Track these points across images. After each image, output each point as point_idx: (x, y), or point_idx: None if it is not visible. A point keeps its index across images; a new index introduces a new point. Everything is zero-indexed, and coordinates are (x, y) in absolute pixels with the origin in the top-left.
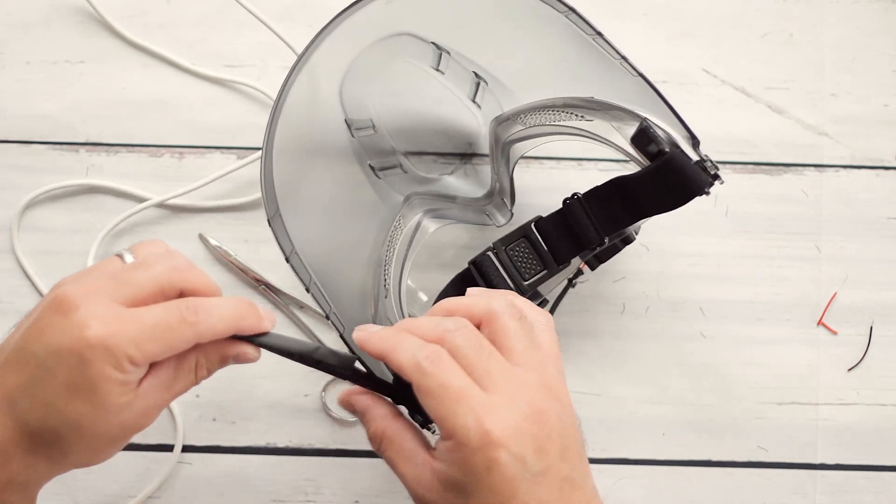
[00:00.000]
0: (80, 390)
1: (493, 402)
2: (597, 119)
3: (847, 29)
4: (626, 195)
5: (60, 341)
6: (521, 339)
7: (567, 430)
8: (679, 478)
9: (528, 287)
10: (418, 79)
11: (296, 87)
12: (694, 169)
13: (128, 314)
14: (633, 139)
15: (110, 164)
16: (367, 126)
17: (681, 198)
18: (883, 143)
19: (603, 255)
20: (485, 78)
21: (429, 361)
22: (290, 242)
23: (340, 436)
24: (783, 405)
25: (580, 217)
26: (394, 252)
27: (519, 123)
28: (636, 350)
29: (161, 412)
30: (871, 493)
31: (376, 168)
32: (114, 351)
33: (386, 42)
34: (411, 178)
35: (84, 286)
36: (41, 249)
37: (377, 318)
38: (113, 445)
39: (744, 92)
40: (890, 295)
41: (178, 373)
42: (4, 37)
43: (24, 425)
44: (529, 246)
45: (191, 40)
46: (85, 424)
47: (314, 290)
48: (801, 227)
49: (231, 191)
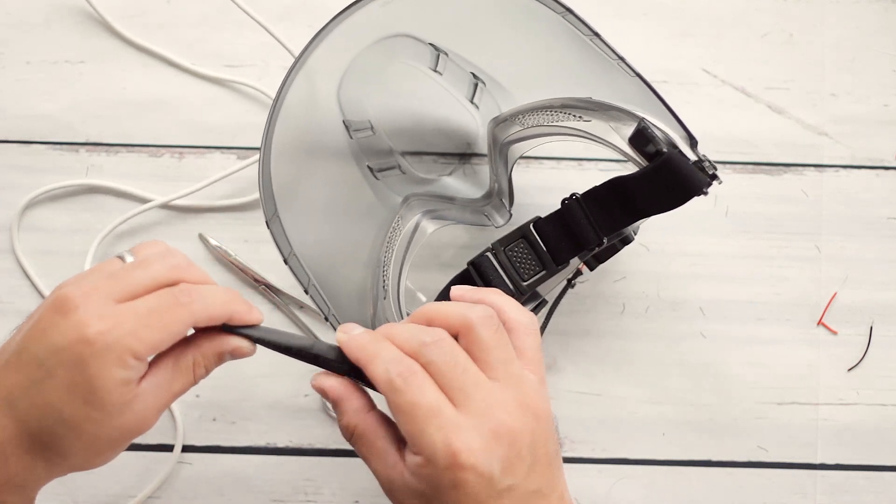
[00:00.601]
0: (80, 391)
1: (463, 421)
2: (595, 119)
3: (847, 29)
4: (624, 195)
5: (60, 341)
6: (498, 351)
7: (539, 445)
8: (679, 478)
9: (527, 288)
10: (416, 80)
11: (294, 88)
12: (692, 169)
13: (123, 308)
14: (631, 139)
15: (110, 164)
16: (365, 127)
17: (679, 198)
18: (883, 143)
19: (602, 256)
20: (483, 79)
21: (401, 379)
22: (288, 244)
23: (340, 436)
24: (783, 405)
25: (579, 218)
26: (392, 253)
27: (517, 124)
28: (636, 350)
29: (160, 416)
30: (871, 493)
31: (375, 169)
32: (113, 346)
33: (384, 43)
34: (410, 178)
35: (83, 287)
36: (41, 249)
37: (376, 318)
38: (112, 448)
39: (744, 92)
40: (890, 295)
41: (176, 372)
42: (4, 37)
43: (23, 426)
44: (528, 246)
45: (191, 40)
46: (83, 426)
47: (313, 292)
48: (801, 227)
49: (231, 191)
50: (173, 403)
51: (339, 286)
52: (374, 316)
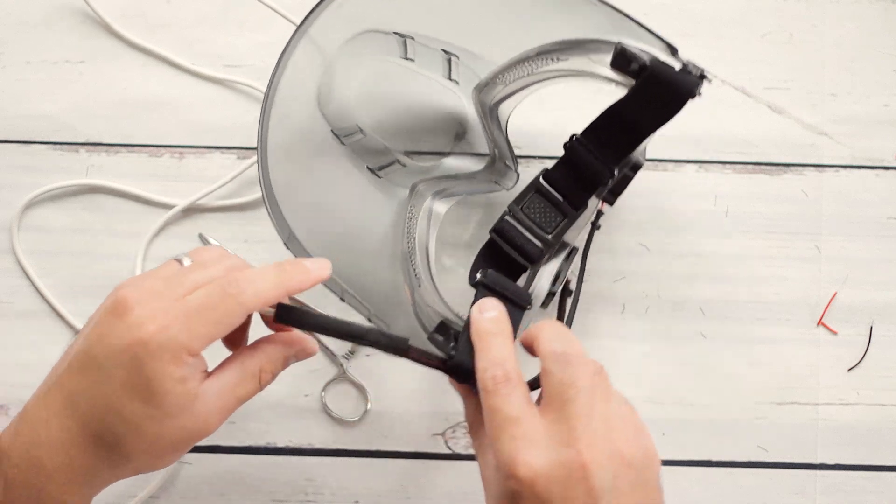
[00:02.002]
0: (138, 391)
1: (540, 437)
2: (572, 57)
3: (847, 29)
4: (622, 121)
5: (117, 343)
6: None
7: (608, 492)
8: (679, 478)
9: (553, 240)
10: (392, 73)
11: (274, 112)
12: (679, 75)
13: (176, 306)
14: (613, 63)
15: (110, 164)
16: (354, 132)
17: (674, 105)
18: (883, 143)
19: (617, 189)
20: (454, 52)
21: (493, 382)
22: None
23: (340, 436)
24: (783, 405)
25: (584, 156)
26: (414, 242)
27: (499, 84)
28: (636, 350)
29: (224, 419)
30: (871, 493)
31: (375, 169)
32: (168, 345)
33: (349, 45)
34: (411, 170)
35: (140, 289)
36: (41, 249)
37: (417, 308)
38: (175, 450)
39: (744, 92)
40: (890, 295)
41: (242, 377)
42: (4, 37)
43: (86, 427)
44: (543, 199)
45: (191, 40)
46: (144, 425)
47: (348, 299)
48: (801, 227)
49: (231, 191)
50: None
51: (369, 287)
52: (414, 305)
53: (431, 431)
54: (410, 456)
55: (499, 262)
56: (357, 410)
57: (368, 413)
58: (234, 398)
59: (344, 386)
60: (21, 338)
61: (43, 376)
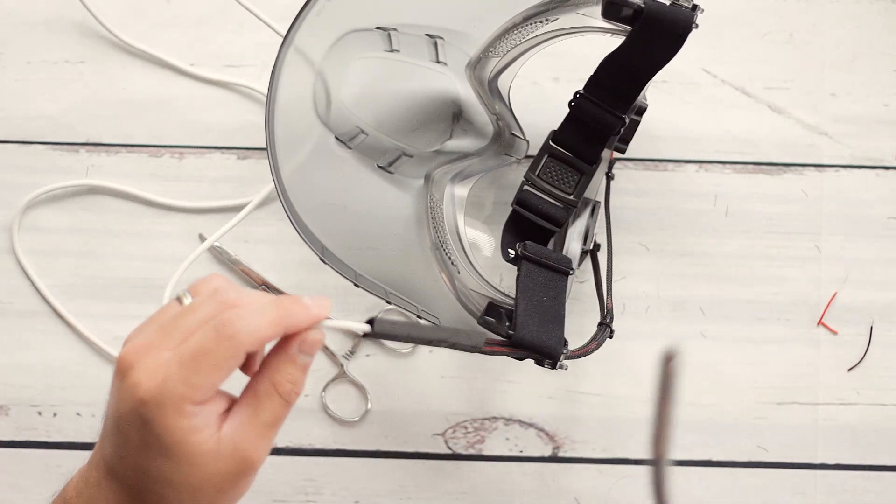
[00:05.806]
0: (155, 448)
1: None
2: (561, 16)
3: (847, 29)
4: (623, 67)
5: (123, 407)
6: None
7: None
8: (679, 478)
9: (575, 199)
10: (380, 68)
11: (278, 132)
12: (673, 10)
13: (170, 357)
14: (605, 14)
15: (110, 164)
16: (356, 133)
17: (674, 43)
18: (883, 143)
19: (627, 136)
20: (439, 35)
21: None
22: (349, 269)
23: (340, 436)
24: (783, 405)
25: (591, 110)
26: (444, 230)
27: (493, 56)
28: (636, 350)
29: (268, 445)
30: (871, 493)
31: (385, 166)
32: (167, 400)
33: (335, 49)
34: (419, 159)
35: (137, 343)
36: (41, 249)
37: (460, 294)
38: (223, 492)
39: (744, 92)
40: (890, 295)
41: (259, 401)
42: (4, 37)
43: (128, 489)
44: (557, 161)
45: (190, 41)
46: (175, 480)
47: (394, 300)
48: (801, 227)
49: (231, 191)
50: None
51: (409, 285)
52: (457, 293)
53: (431, 431)
54: (410, 456)
55: (526, 232)
56: (357, 410)
57: (368, 413)
58: (260, 425)
59: (344, 386)
60: (21, 338)
61: (43, 376)
